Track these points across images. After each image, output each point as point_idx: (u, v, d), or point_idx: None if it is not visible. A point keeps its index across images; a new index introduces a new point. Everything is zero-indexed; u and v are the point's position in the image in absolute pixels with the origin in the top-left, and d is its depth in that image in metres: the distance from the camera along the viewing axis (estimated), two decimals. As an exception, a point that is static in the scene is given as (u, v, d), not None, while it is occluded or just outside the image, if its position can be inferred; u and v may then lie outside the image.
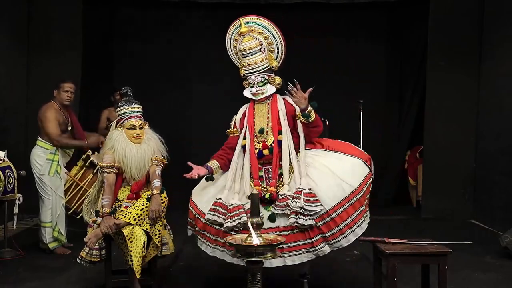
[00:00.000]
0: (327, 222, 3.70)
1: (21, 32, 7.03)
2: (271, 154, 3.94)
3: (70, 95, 5.37)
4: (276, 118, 3.99)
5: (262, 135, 3.99)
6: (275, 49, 4.09)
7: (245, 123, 4.07)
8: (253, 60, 4.01)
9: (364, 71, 8.51)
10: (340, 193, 3.76)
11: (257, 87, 4.01)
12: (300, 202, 3.66)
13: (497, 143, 6.76)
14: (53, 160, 5.27)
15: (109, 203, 3.97)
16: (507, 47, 6.60)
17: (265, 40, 4.07)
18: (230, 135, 4.16)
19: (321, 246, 3.72)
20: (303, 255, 3.74)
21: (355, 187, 3.80)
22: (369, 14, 8.47)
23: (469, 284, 4.43)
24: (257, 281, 2.88)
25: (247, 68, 4.04)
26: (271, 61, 4.05)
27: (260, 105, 4.07)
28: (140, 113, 4.26)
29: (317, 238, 3.71)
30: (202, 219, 3.92)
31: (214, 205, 3.86)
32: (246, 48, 4.03)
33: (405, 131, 8.40)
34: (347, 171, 3.85)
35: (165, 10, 8.35)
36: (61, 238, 5.33)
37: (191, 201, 4.07)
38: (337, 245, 3.76)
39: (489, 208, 6.86)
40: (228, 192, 3.92)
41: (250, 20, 4.12)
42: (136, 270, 3.83)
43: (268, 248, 2.88)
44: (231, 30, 4.19)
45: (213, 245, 3.91)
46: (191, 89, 8.56)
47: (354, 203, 3.77)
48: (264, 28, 4.08)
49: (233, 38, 4.19)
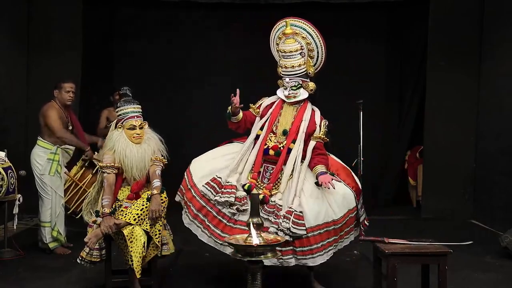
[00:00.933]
0: (302, 239, 3.86)
1: (21, 32, 7.03)
2: (276, 157, 4.05)
3: (72, 95, 5.38)
4: (297, 126, 4.11)
5: (284, 136, 4.11)
6: (315, 56, 4.22)
7: (268, 113, 4.18)
8: (291, 63, 4.10)
9: (364, 71, 8.50)
10: (322, 217, 3.90)
11: (290, 90, 4.12)
12: (289, 224, 3.79)
13: (497, 143, 6.76)
14: (54, 159, 5.27)
15: (109, 203, 3.97)
16: (507, 47, 6.60)
17: (307, 45, 4.17)
18: (249, 110, 4.26)
19: (288, 257, 3.88)
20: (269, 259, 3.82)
21: (338, 217, 3.95)
22: (369, 14, 8.47)
23: (469, 284, 4.43)
24: (257, 281, 2.89)
25: (285, 70, 4.14)
26: (309, 67, 4.16)
27: (289, 107, 4.18)
28: (139, 113, 4.26)
29: (287, 249, 3.86)
30: (192, 191, 4.08)
31: (212, 181, 4.02)
32: (287, 50, 4.11)
33: (405, 131, 8.39)
34: (337, 200, 3.97)
35: (165, 10, 8.34)
36: (60, 238, 5.33)
37: (188, 170, 4.21)
38: (303, 262, 3.91)
39: (489, 208, 6.86)
40: (229, 172, 4.05)
41: (296, 23, 4.20)
42: (136, 270, 3.83)
43: (268, 248, 2.89)
44: (275, 28, 4.30)
45: (192, 218, 4.09)
46: (191, 89, 8.56)
47: (330, 231, 3.93)
48: (308, 34, 4.18)
49: (277, 36, 4.28)
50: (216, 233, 3.98)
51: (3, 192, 4.86)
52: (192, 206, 4.08)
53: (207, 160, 4.23)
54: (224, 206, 3.96)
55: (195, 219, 4.07)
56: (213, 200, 3.96)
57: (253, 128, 4.20)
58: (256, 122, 4.22)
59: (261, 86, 6.32)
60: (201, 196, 4.04)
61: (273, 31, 4.31)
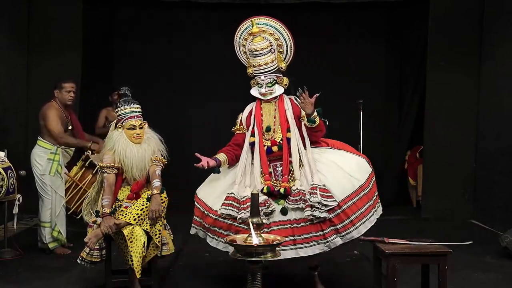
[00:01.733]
0: (338, 214, 3.82)
1: (21, 32, 7.03)
2: (280, 151, 4.05)
3: (72, 95, 5.38)
4: (283, 117, 4.09)
5: (269, 132, 4.09)
6: (284, 50, 4.19)
7: (251, 120, 4.16)
8: (264, 61, 4.09)
9: (364, 71, 8.51)
10: (349, 186, 3.89)
11: (266, 88, 4.10)
12: (317, 197, 3.77)
13: (497, 143, 6.75)
14: (54, 159, 5.27)
15: (109, 203, 3.97)
16: (507, 47, 6.60)
17: (276, 41, 4.16)
18: (236, 133, 4.24)
19: (332, 238, 3.82)
20: (316, 246, 3.83)
21: (362, 182, 3.95)
22: (369, 14, 8.47)
23: (469, 284, 4.43)
24: (257, 281, 2.89)
25: (257, 68, 4.13)
26: (280, 62, 4.16)
27: (267, 104, 4.16)
28: (139, 113, 4.26)
29: (328, 230, 3.81)
30: (211, 215, 3.98)
31: (227, 200, 3.93)
32: (257, 49, 4.11)
33: (405, 131, 8.39)
34: (353, 167, 4.00)
35: (165, 10, 8.34)
36: (60, 238, 5.33)
37: (197, 199, 4.13)
38: (349, 236, 3.85)
39: (489, 208, 6.86)
40: (238, 187, 3.99)
41: (262, 20, 4.20)
42: (136, 270, 3.83)
43: (268, 248, 2.89)
44: (241, 29, 4.30)
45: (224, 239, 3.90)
46: (191, 89, 8.56)
47: (362, 197, 3.91)
48: (275, 30, 4.17)
49: (243, 37, 4.29)
50: None
51: (3, 192, 4.86)
52: (218, 229, 3.98)
53: (211, 184, 4.17)
54: None
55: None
56: (238, 219, 3.87)
57: (246, 139, 4.16)
58: (247, 135, 4.18)
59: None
60: (223, 217, 3.94)
61: (237, 33, 4.32)
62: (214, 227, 4.00)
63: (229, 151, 4.15)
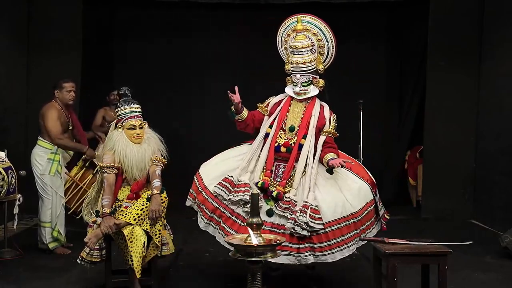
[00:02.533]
0: (320, 235, 3.82)
1: (21, 32, 7.03)
2: (288, 153, 4.04)
3: (73, 95, 5.38)
4: (306, 122, 4.09)
5: (292, 133, 4.10)
6: (325, 52, 4.22)
7: (276, 112, 4.17)
8: (302, 60, 4.09)
9: (364, 71, 8.50)
10: (340, 210, 3.87)
11: (301, 87, 4.11)
12: (306, 218, 3.75)
13: (497, 143, 6.75)
14: (54, 159, 5.27)
15: (109, 203, 3.97)
16: (507, 47, 6.60)
17: (318, 42, 4.16)
18: (258, 109, 4.28)
19: (306, 254, 3.84)
20: (286, 256, 3.83)
21: (356, 209, 3.93)
22: (369, 14, 8.47)
23: (469, 284, 4.44)
24: (257, 281, 2.88)
25: (295, 66, 4.13)
26: (319, 63, 4.17)
27: (297, 103, 4.18)
28: (139, 113, 4.26)
29: (304, 246, 3.83)
30: (204, 193, 4.06)
31: (224, 181, 3.99)
32: (298, 46, 4.10)
33: (405, 131, 8.39)
34: (353, 193, 3.96)
35: (165, 10, 8.34)
36: (60, 238, 5.33)
37: (197, 174, 4.19)
38: (322, 258, 3.86)
39: (489, 208, 6.86)
40: (240, 172, 4.03)
41: (307, 19, 4.21)
42: (136, 270, 3.83)
43: (268, 248, 2.88)
44: (285, 24, 4.29)
45: (207, 220, 4.07)
46: (190, 89, 8.56)
47: (350, 224, 3.90)
48: (319, 30, 4.19)
49: (286, 33, 4.27)
50: (230, 234, 3.86)
51: (3, 192, 4.86)
52: (205, 208, 4.06)
53: (217, 162, 4.21)
54: (238, 206, 3.94)
55: (211, 221, 4.06)
56: (226, 200, 3.93)
57: (262, 127, 4.19)
58: (265, 120, 4.21)
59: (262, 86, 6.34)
60: (213, 197, 4.01)
61: (282, 27, 4.30)
62: (202, 205, 4.08)
63: (249, 115, 4.19)
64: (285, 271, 4.57)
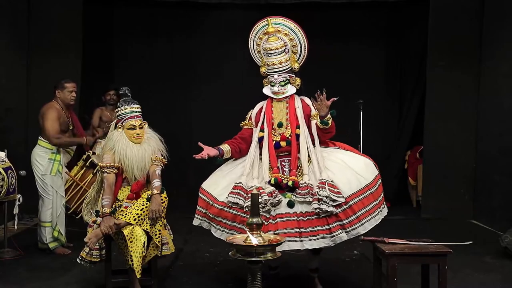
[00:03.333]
0: (345, 210, 3.86)
1: (21, 32, 7.03)
2: (288, 146, 4.13)
3: (74, 95, 5.38)
4: (293, 114, 4.18)
5: (281, 128, 4.17)
6: (298, 51, 4.29)
7: (261, 117, 4.24)
8: (278, 60, 4.16)
9: (364, 71, 8.50)
10: (355, 184, 3.95)
11: (279, 86, 4.18)
12: (326, 191, 3.82)
13: (497, 143, 6.75)
14: (55, 159, 5.27)
15: (109, 203, 3.97)
16: (507, 47, 6.60)
17: (290, 41, 4.25)
18: (244, 127, 4.32)
19: (338, 233, 3.84)
20: (321, 240, 3.86)
21: (369, 181, 4.01)
22: (369, 14, 8.47)
23: (469, 284, 4.43)
24: (257, 281, 2.89)
25: (271, 67, 4.20)
26: (293, 62, 4.23)
27: (278, 103, 4.24)
28: (139, 113, 4.26)
29: (334, 225, 3.84)
30: (216, 205, 4.01)
31: (235, 189, 3.97)
32: (272, 48, 4.16)
33: (405, 131, 8.39)
34: (361, 167, 4.07)
35: (165, 10, 8.34)
36: (61, 238, 5.33)
37: (202, 190, 4.15)
38: (354, 232, 3.89)
39: (489, 208, 6.86)
40: (246, 178, 4.03)
41: (277, 20, 4.27)
42: (137, 270, 3.83)
43: (268, 248, 2.88)
44: (256, 28, 4.34)
45: (229, 230, 3.98)
46: (191, 89, 8.56)
47: (368, 196, 3.96)
48: (290, 30, 4.25)
49: (258, 37, 4.33)
50: None
51: (3, 192, 4.85)
52: (223, 219, 4.00)
53: (217, 177, 4.21)
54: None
55: (233, 230, 3.95)
56: (244, 207, 3.89)
57: (254, 134, 4.24)
58: (255, 131, 4.25)
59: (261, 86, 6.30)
60: (229, 207, 3.96)
61: (252, 32, 4.34)
62: (219, 218, 4.01)
63: (234, 143, 4.20)
64: (285, 271, 4.58)
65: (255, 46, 4.38)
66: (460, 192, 7.29)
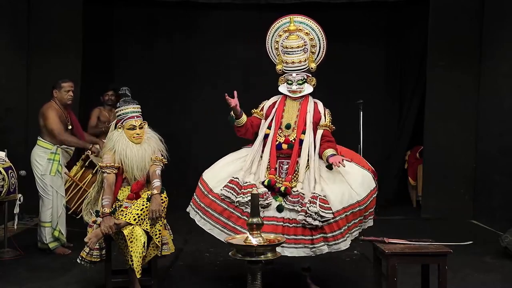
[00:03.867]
0: (331, 224, 3.89)
1: (21, 32, 7.03)
2: (290, 149, 4.15)
3: (71, 94, 5.37)
4: (303, 118, 4.21)
5: (288, 130, 4.20)
6: (316, 51, 4.34)
7: (272, 113, 4.27)
8: (297, 59, 4.22)
9: (364, 71, 8.50)
10: (346, 199, 3.97)
11: (296, 85, 4.22)
12: (316, 208, 3.83)
13: (497, 143, 6.75)
14: (54, 159, 5.26)
15: (109, 203, 3.96)
16: (507, 47, 6.60)
17: (310, 41, 4.30)
18: (254, 115, 4.36)
19: (320, 245, 3.89)
20: (302, 249, 3.91)
21: (362, 197, 4.03)
22: (369, 14, 8.47)
23: (469, 284, 4.43)
24: (257, 281, 2.89)
25: (289, 65, 4.24)
26: (311, 62, 4.30)
27: (292, 102, 4.29)
28: (139, 113, 4.26)
29: (318, 237, 3.89)
30: (210, 196, 4.09)
31: (230, 183, 4.04)
32: (293, 46, 4.22)
33: (405, 131, 8.39)
34: (357, 181, 4.07)
35: (165, 10, 8.34)
36: (61, 238, 5.33)
37: (201, 179, 4.23)
38: (336, 247, 3.92)
39: (489, 208, 6.86)
40: (244, 173, 4.09)
41: (299, 19, 4.34)
42: (137, 270, 3.83)
43: (268, 248, 2.89)
44: (276, 25, 4.37)
45: (213, 222, 4.07)
46: (191, 89, 8.56)
47: (356, 212, 3.99)
48: (311, 30, 4.32)
49: (277, 34, 4.36)
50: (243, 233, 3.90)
51: (4, 192, 4.85)
52: (211, 211, 4.07)
53: (219, 167, 4.26)
54: (247, 206, 3.93)
55: (217, 223, 4.05)
56: (235, 202, 3.97)
57: (261, 129, 4.28)
58: (262, 123, 4.30)
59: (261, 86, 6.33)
60: (221, 199, 4.04)
61: (272, 28, 4.37)
62: (208, 208, 4.09)
63: (248, 121, 4.26)
64: (286, 270, 4.58)
65: (273, 43, 4.40)
66: (460, 192, 7.29)
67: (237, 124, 4.23)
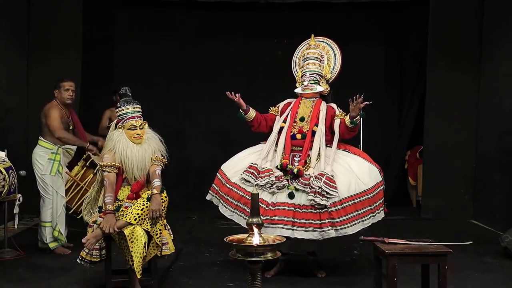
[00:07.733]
0: (338, 210, 4.23)
1: (21, 32, 7.03)
2: (303, 139, 4.54)
3: (71, 94, 5.37)
4: (316, 113, 4.63)
5: (302, 122, 4.60)
6: (332, 64, 4.85)
7: (287, 110, 4.71)
8: (313, 62, 4.73)
9: (364, 71, 8.50)
10: (354, 188, 4.31)
11: (308, 83, 4.65)
12: (320, 182, 4.22)
13: (497, 143, 6.75)
14: (55, 159, 5.27)
15: (112, 201, 3.95)
16: (507, 47, 6.60)
17: (327, 54, 4.86)
18: (270, 112, 4.81)
19: (328, 229, 4.22)
20: (310, 232, 4.24)
21: (369, 187, 4.36)
22: (369, 14, 8.47)
23: (469, 284, 4.43)
24: (257, 281, 2.88)
25: (305, 67, 4.72)
26: (326, 72, 4.79)
27: (306, 100, 4.71)
28: (139, 113, 4.26)
29: (326, 221, 4.22)
30: (228, 185, 4.51)
31: (250, 168, 4.46)
32: (310, 53, 4.79)
33: (405, 131, 8.39)
34: (364, 172, 4.43)
35: (165, 10, 8.35)
36: (61, 238, 5.33)
37: (220, 170, 4.66)
38: (343, 231, 4.25)
39: (489, 208, 6.86)
40: (261, 161, 4.50)
41: (321, 39, 4.98)
42: (137, 270, 3.83)
43: (268, 248, 2.88)
44: (302, 45, 5.00)
45: (233, 209, 4.48)
46: (191, 89, 8.56)
47: (363, 200, 4.32)
48: (329, 47, 4.91)
49: (301, 50, 4.96)
50: None
51: (4, 192, 4.85)
52: (230, 198, 4.47)
53: (236, 159, 4.66)
54: (264, 190, 4.34)
55: (236, 210, 4.45)
56: (254, 186, 4.29)
57: (276, 123, 4.69)
58: (277, 118, 4.72)
59: (261, 86, 6.35)
60: (238, 187, 4.44)
61: (299, 47, 4.96)
62: (227, 196, 4.50)
63: (259, 115, 4.68)
64: (286, 270, 4.58)
65: (296, 59, 4.95)
66: (460, 192, 7.29)
67: (247, 118, 4.62)
